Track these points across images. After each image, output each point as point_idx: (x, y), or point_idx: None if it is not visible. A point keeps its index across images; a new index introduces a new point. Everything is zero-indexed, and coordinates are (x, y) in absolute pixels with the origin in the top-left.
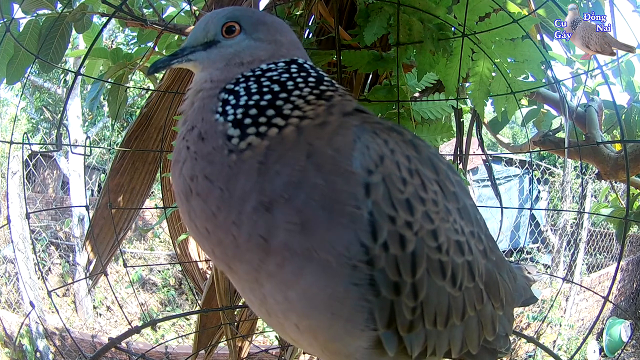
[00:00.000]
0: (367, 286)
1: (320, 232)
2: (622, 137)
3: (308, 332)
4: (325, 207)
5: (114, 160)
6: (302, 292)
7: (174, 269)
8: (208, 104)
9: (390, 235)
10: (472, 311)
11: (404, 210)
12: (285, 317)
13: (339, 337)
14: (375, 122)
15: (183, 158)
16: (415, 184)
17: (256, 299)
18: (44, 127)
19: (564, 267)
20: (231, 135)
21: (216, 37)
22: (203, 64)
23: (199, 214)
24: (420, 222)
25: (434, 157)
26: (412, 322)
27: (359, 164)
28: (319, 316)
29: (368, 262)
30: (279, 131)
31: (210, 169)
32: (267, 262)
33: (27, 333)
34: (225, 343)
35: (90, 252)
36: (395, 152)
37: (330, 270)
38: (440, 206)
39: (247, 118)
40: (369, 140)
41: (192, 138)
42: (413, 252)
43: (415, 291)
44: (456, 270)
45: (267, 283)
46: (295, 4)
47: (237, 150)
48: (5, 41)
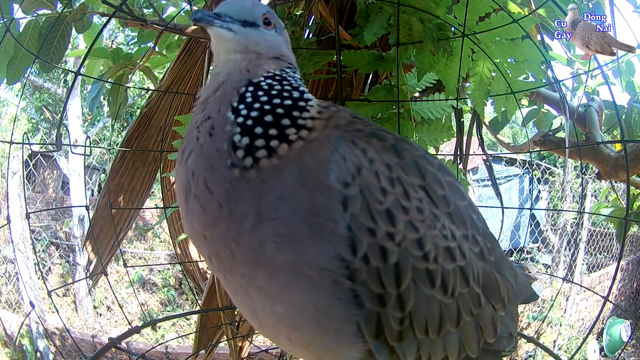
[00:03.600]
0: (351, 299)
1: (303, 247)
2: (622, 137)
3: (299, 344)
4: (307, 221)
5: (114, 160)
6: (289, 306)
7: (174, 269)
8: (228, 96)
9: (370, 247)
10: (468, 316)
11: (384, 221)
12: (276, 329)
13: (330, 348)
14: (355, 129)
15: (191, 148)
16: (396, 193)
17: (248, 311)
18: (44, 127)
19: (564, 267)
20: (237, 144)
21: (257, 22)
22: (241, 43)
23: (197, 218)
24: (403, 232)
25: (421, 160)
26: (401, 332)
27: (335, 177)
28: (307, 329)
29: (349, 276)
30: (289, 147)
31: (210, 176)
32: (257, 275)
33: (27, 333)
34: (226, 343)
35: (90, 252)
36: (374, 161)
37: (314, 284)
38: (425, 213)
39: (259, 127)
40: (346, 151)
41: (204, 129)
42: (396, 263)
43: (401, 302)
44: (447, 278)
45: (257, 297)
46: (295, 4)
47: (241, 166)
48: (5, 41)
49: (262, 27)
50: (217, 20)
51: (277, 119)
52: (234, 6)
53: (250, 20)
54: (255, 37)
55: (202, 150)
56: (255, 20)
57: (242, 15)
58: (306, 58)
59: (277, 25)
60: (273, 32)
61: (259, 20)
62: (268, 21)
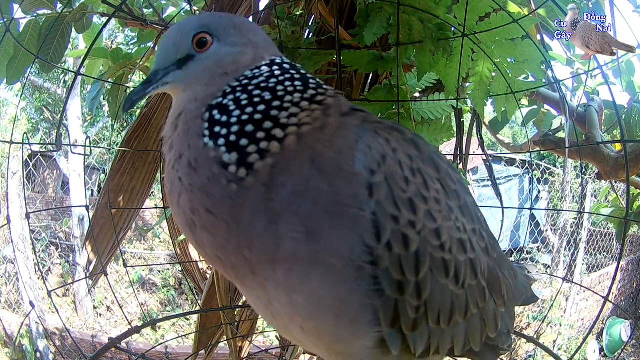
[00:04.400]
0: (372, 286)
1: (325, 236)
2: (622, 137)
3: (313, 333)
4: (329, 211)
5: (114, 160)
6: (308, 296)
7: (174, 269)
8: (193, 127)
9: (393, 234)
10: (474, 308)
11: (407, 209)
12: (290, 319)
13: (344, 337)
14: (375, 121)
15: (178, 190)
16: (417, 183)
17: (261, 303)
18: (44, 127)
19: (564, 267)
20: (227, 162)
21: (189, 52)
22: (184, 84)
23: (208, 244)
24: (423, 221)
25: (435, 156)
26: (415, 321)
27: (362, 165)
28: (323, 318)
29: (372, 262)
30: (281, 144)
31: (210, 202)
32: (276, 271)
33: (27, 333)
34: (226, 343)
35: (90, 252)
36: (397, 151)
37: (335, 272)
38: (442, 205)
39: (244, 138)
40: (371, 139)
41: (182, 168)
42: (416, 251)
43: (419, 290)
44: (459, 268)
45: (274, 289)
46: (295, 4)
47: (236, 179)
48: (5, 41)
49: (197, 55)
50: (149, 86)
51: (258, 124)
52: (162, 54)
53: (182, 57)
54: (193, 70)
55: (192, 187)
56: (187, 53)
57: (172, 57)
58: (306, 58)
59: (219, 32)
60: (213, 48)
61: (192, 50)
62: (203, 40)
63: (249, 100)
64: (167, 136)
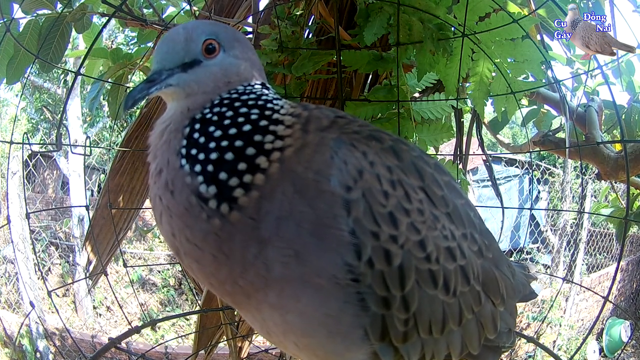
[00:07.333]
0: (358, 303)
1: (312, 258)
2: (622, 137)
3: (307, 349)
4: (313, 233)
5: (114, 160)
6: (300, 314)
7: (174, 269)
8: (173, 141)
9: (374, 251)
10: (469, 314)
11: (387, 224)
12: (285, 337)
13: (338, 352)
14: (353, 131)
15: (159, 209)
16: (398, 196)
17: (257, 322)
18: (44, 127)
19: (563, 267)
20: (205, 196)
21: (197, 57)
22: (187, 89)
23: (197, 271)
24: (406, 234)
25: (419, 161)
26: (405, 333)
27: (337, 182)
28: (316, 335)
29: (354, 280)
30: (265, 174)
31: (190, 233)
32: (268, 295)
33: (27, 333)
34: (225, 343)
35: (90, 252)
36: (375, 164)
37: (324, 291)
38: (426, 215)
39: (222, 172)
40: (347, 154)
41: (161, 186)
42: (400, 265)
43: (406, 303)
44: (448, 277)
45: (268, 310)
46: (295, 4)
47: (218, 215)
48: (5, 41)
49: (204, 61)
50: (152, 86)
51: (240, 153)
52: (168, 53)
53: (189, 61)
54: (196, 77)
55: (170, 212)
56: (195, 57)
57: (179, 59)
58: (306, 58)
59: (225, 42)
60: (220, 58)
61: (200, 55)
62: (212, 47)
63: (232, 118)
64: (153, 144)
